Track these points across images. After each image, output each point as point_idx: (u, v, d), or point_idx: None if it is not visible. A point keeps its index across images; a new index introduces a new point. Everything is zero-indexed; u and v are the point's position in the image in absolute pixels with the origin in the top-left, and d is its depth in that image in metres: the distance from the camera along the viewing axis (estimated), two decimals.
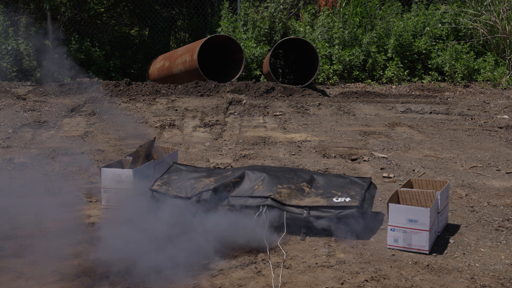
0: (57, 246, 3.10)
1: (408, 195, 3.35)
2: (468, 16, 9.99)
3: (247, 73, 9.24)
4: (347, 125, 6.34)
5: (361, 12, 10.18)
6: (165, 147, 4.31)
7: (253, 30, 9.72)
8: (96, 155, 5.04)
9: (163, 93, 7.81)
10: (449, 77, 9.40)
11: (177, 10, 11.11)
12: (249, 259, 2.98)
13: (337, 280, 2.78)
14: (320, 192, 3.41)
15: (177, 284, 2.72)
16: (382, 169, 4.67)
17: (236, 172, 3.58)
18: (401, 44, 9.70)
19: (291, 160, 4.90)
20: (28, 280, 2.75)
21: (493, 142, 5.65)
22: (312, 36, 9.88)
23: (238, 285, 2.73)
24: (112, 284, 2.70)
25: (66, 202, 3.80)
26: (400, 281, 2.78)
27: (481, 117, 6.88)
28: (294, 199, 3.36)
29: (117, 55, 9.80)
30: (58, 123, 6.23)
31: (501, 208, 3.82)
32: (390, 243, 3.15)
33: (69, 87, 7.78)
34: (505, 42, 9.71)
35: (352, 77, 9.60)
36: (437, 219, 3.24)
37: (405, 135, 5.88)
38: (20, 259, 2.97)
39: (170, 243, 3.04)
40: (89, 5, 9.60)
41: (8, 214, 3.58)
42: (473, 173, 4.61)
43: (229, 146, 5.39)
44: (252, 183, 3.46)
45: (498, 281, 2.80)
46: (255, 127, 6.20)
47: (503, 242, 3.27)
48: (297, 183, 3.47)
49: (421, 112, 7.12)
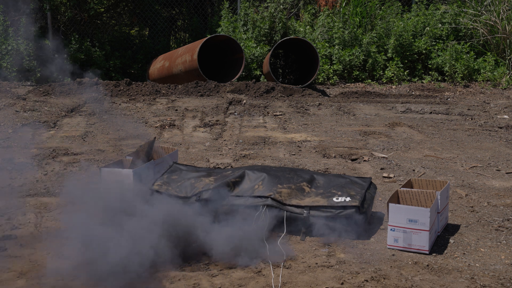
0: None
1: (408, 195, 3.35)
2: (468, 16, 9.99)
3: (247, 73, 9.24)
4: (347, 125, 6.34)
5: (361, 12, 10.18)
6: (165, 147, 4.31)
7: (253, 30, 9.72)
8: (96, 155, 5.04)
9: (163, 93, 7.81)
10: (449, 77, 9.40)
11: (177, 10, 11.11)
12: (249, 259, 2.98)
13: (337, 280, 2.78)
14: (320, 192, 3.41)
15: (177, 284, 2.73)
16: (382, 169, 4.67)
17: (236, 172, 3.58)
18: (401, 44, 9.70)
19: (291, 160, 4.90)
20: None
21: (493, 142, 5.65)
22: (312, 36, 9.88)
23: (238, 285, 2.73)
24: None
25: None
26: (400, 281, 2.78)
27: (481, 117, 6.88)
28: (294, 198, 3.35)
29: (117, 55, 9.79)
30: (58, 123, 6.23)
31: (501, 208, 3.82)
32: (390, 243, 3.15)
33: (69, 87, 7.78)
34: (505, 42, 9.71)
35: (352, 77, 9.60)
36: (437, 219, 3.24)
37: (405, 135, 5.88)
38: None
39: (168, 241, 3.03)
40: (89, 5, 9.60)
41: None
42: (473, 173, 4.61)
43: (229, 146, 5.39)
44: (252, 182, 3.46)
45: (498, 281, 2.80)
46: (255, 127, 6.20)
47: (503, 242, 3.27)
48: (297, 183, 3.47)
49: (421, 112, 7.12)
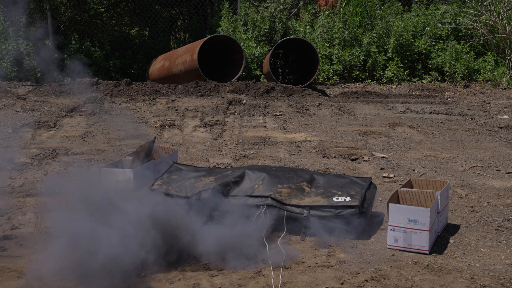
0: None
1: (408, 195, 3.35)
2: (468, 16, 9.99)
3: (247, 73, 9.24)
4: (347, 125, 6.34)
5: (361, 12, 10.18)
6: (165, 147, 4.31)
7: (253, 30, 9.72)
8: (96, 155, 5.04)
9: (163, 93, 7.81)
10: (449, 77, 9.40)
11: (177, 10, 11.11)
12: (248, 259, 2.98)
13: (337, 280, 2.78)
14: (320, 192, 3.41)
15: (177, 284, 2.73)
16: (382, 169, 4.67)
17: (236, 171, 3.58)
18: (401, 44, 9.70)
19: (291, 160, 4.90)
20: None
21: (493, 142, 5.65)
22: (312, 36, 9.88)
23: (238, 285, 2.73)
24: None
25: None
26: (400, 281, 2.78)
27: (481, 117, 6.88)
28: (294, 198, 3.35)
29: (117, 55, 9.79)
30: (58, 123, 6.23)
31: (501, 208, 3.82)
32: (390, 243, 3.15)
33: (69, 87, 7.78)
34: (505, 42, 9.71)
35: (352, 77, 9.60)
36: (437, 219, 3.24)
37: (405, 135, 5.88)
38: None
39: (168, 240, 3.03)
40: (89, 5, 9.60)
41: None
42: (473, 173, 4.61)
43: (229, 146, 5.39)
44: (252, 182, 3.46)
45: (498, 281, 2.80)
46: (255, 127, 6.20)
47: (503, 242, 3.27)
48: (297, 182, 3.47)
49: (421, 112, 7.12)
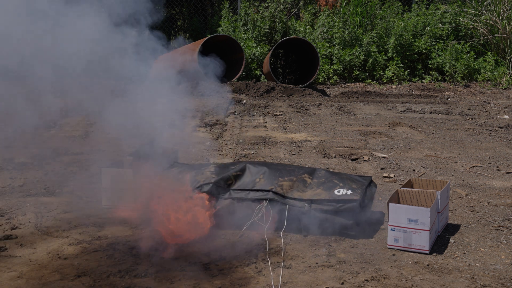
0: None
1: (408, 194, 3.34)
2: (468, 16, 9.99)
3: (247, 73, 9.24)
4: (347, 125, 6.34)
5: (361, 12, 10.18)
6: (165, 147, 4.30)
7: (253, 30, 9.71)
8: (96, 155, 5.03)
9: None
10: (449, 77, 9.40)
11: (177, 10, 11.11)
12: (249, 258, 2.98)
13: (337, 280, 2.77)
14: (322, 181, 3.38)
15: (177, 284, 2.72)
16: (382, 169, 4.67)
17: (238, 165, 3.58)
18: (401, 44, 9.70)
19: (291, 160, 4.90)
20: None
21: (493, 142, 5.65)
22: (312, 36, 9.88)
23: (238, 285, 2.73)
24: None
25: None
26: (400, 281, 2.78)
27: (481, 117, 6.88)
28: (296, 191, 3.34)
29: None
30: (58, 123, 6.23)
31: (501, 208, 3.81)
32: (390, 243, 3.15)
33: None
34: (505, 42, 9.71)
35: (352, 77, 9.60)
36: (438, 219, 3.24)
37: (406, 135, 5.88)
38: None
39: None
40: None
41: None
42: (473, 173, 4.61)
43: (229, 146, 5.38)
44: (253, 176, 3.45)
45: (498, 281, 2.80)
46: (255, 127, 6.20)
47: (503, 242, 3.27)
48: (298, 174, 3.46)
49: (421, 112, 7.11)
